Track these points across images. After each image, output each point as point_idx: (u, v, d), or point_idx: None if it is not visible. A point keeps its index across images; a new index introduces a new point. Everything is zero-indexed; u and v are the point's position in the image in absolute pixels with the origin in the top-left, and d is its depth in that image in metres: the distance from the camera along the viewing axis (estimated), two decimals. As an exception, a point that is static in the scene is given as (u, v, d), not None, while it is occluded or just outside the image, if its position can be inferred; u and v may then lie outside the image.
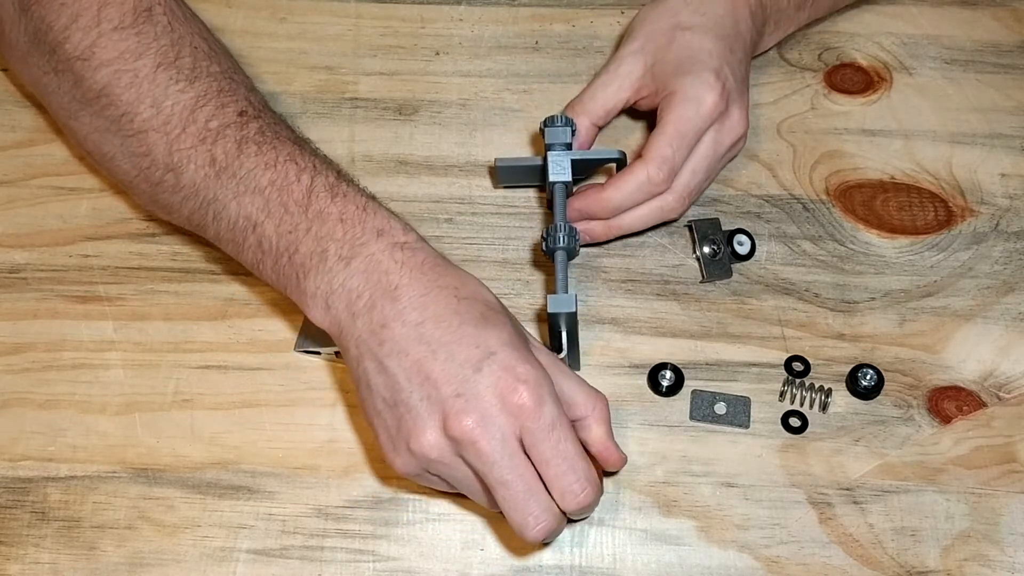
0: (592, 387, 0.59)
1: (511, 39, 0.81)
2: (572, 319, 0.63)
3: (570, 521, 0.61)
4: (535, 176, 0.73)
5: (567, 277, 0.65)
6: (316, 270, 0.58)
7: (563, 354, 0.64)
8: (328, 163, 0.62)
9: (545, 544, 0.64)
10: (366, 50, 0.81)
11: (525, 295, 0.71)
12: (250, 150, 0.60)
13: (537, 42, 0.81)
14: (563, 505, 0.55)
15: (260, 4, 0.82)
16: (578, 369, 0.68)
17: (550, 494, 0.56)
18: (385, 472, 0.65)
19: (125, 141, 0.62)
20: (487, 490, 0.57)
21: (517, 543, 0.64)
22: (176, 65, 0.62)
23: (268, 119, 0.63)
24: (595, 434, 0.59)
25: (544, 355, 0.59)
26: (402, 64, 0.80)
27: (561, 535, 0.64)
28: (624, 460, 0.60)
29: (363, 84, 0.79)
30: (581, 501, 0.55)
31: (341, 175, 0.61)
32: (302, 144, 0.62)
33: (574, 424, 0.58)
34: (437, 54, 0.81)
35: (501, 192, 0.75)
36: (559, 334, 0.64)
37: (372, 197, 0.60)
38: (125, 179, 0.64)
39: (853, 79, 0.79)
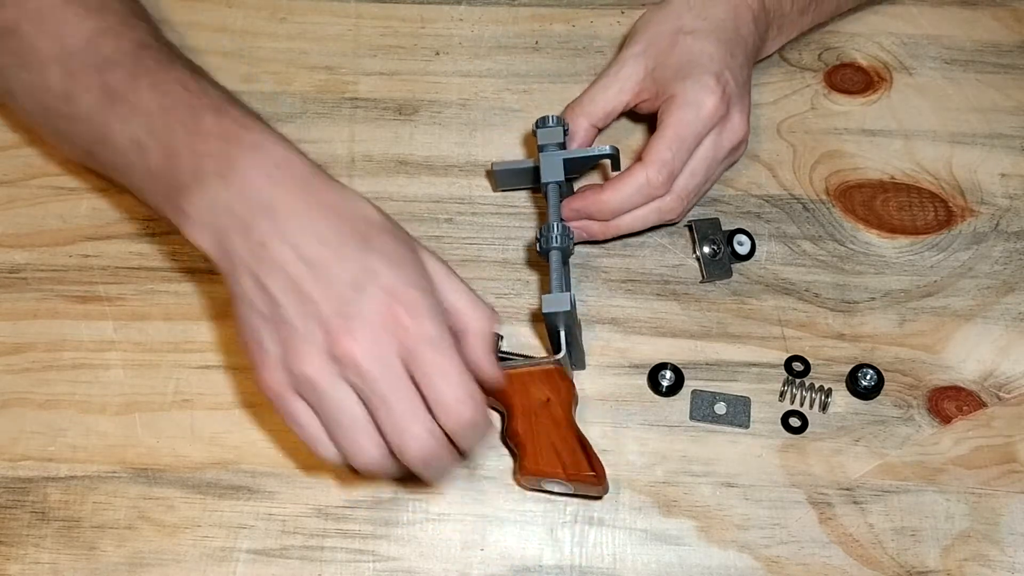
0: (483, 301, 0.59)
1: (511, 39, 0.81)
2: (570, 318, 0.63)
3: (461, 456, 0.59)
4: (532, 178, 0.73)
5: (562, 277, 0.65)
6: (197, 190, 0.57)
7: (562, 354, 0.64)
8: (218, 87, 0.62)
9: (433, 483, 0.61)
10: (366, 50, 0.80)
11: (525, 295, 0.71)
12: (143, 80, 0.61)
13: (537, 42, 0.81)
14: (443, 421, 0.55)
15: (260, 4, 0.82)
16: (582, 369, 0.68)
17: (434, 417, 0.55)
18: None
19: (27, 75, 0.64)
20: (343, 429, 0.55)
21: (517, 543, 0.64)
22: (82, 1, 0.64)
23: (165, 49, 0.64)
24: (470, 347, 0.58)
25: (433, 263, 0.58)
26: (402, 64, 0.80)
27: (561, 535, 0.64)
28: (500, 381, 0.59)
29: (363, 84, 0.79)
30: (461, 415, 0.54)
31: (230, 98, 0.61)
32: (195, 71, 0.63)
33: (457, 338, 0.57)
34: (437, 54, 0.81)
35: (501, 192, 0.75)
36: (556, 334, 0.64)
37: (257, 116, 0.60)
38: (25, 113, 0.66)
39: (853, 79, 0.79)
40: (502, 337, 0.67)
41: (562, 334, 0.64)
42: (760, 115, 0.76)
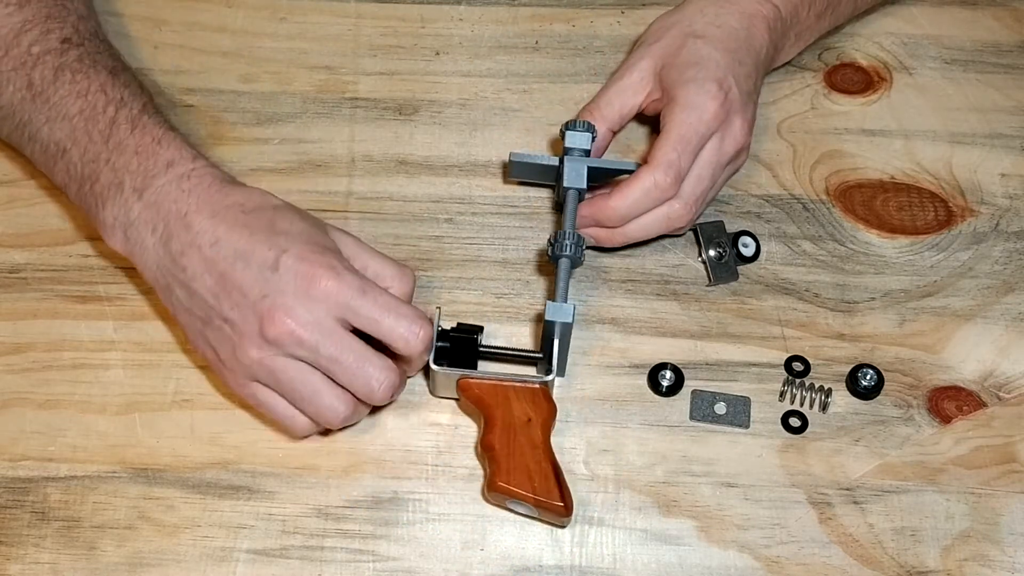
0: (400, 263, 0.63)
1: (511, 39, 0.81)
2: (566, 330, 0.63)
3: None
4: (548, 176, 0.72)
5: (567, 286, 0.64)
6: (113, 201, 0.62)
7: (551, 376, 0.64)
8: (136, 94, 0.66)
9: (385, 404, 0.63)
10: (366, 50, 0.80)
11: (525, 295, 0.71)
12: (65, 77, 0.65)
13: (537, 42, 0.81)
14: (404, 351, 0.59)
15: (260, 4, 0.82)
16: (561, 375, 0.67)
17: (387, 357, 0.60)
18: (385, 472, 0.65)
19: None
20: (306, 400, 0.60)
21: (517, 543, 0.64)
22: None
23: (91, 47, 0.67)
24: None
25: (341, 236, 0.63)
26: (402, 64, 0.80)
27: (561, 535, 0.64)
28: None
29: (363, 84, 0.79)
30: (417, 339, 0.59)
31: (145, 107, 0.65)
32: (116, 74, 0.66)
33: None
34: (437, 54, 0.81)
35: (501, 192, 0.75)
36: (551, 342, 0.64)
37: (170, 128, 0.65)
38: None
39: (853, 79, 0.79)
40: (481, 329, 0.67)
41: (556, 344, 0.64)
42: (760, 115, 0.76)
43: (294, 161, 0.75)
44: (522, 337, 0.70)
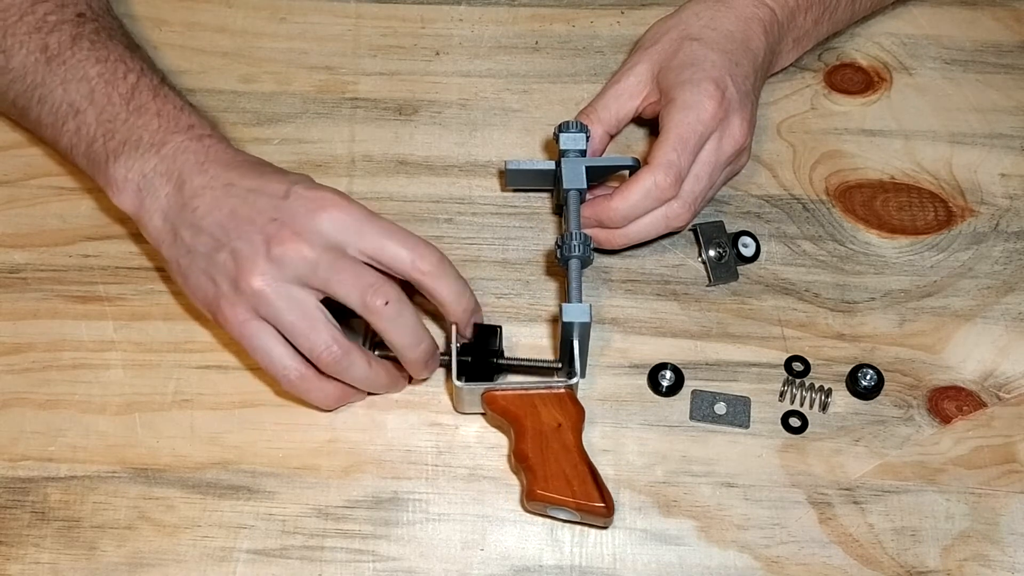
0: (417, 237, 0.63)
1: (511, 39, 0.81)
2: (585, 330, 0.63)
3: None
4: (546, 180, 0.72)
5: (580, 286, 0.64)
6: (128, 155, 0.63)
7: (575, 380, 0.63)
8: (155, 69, 0.68)
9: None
10: (366, 50, 0.81)
11: (525, 295, 0.71)
12: (83, 44, 0.66)
13: (537, 42, 0.81)
14: (411, 272, 0.60)
15: (260, 4, 0.82)
16: (583, 377, 0.67)
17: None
18: (385, 472, 0.65)
19: None
20: (300, 329, 0.60)
21: (517, 543, 0.64)
22: None
23: (105, 23, 0.69)
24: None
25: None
26: (402, 64, 0.80)
27: (561, 535, 0.64)
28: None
29: (363, 84, 0.79)
30: (428, 260, 0.60)
31: (164, 80, 0.67)
32: (133, 49, 0.68)
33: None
34: (437, 54, 0.81)
35: (501, 192, 0.75)
36: (570, 344, 0.64)
37: (189, 103, 0.67)
38: None
39: (853, 79, 0.79)
40: (500, 328, 0.67)
41: (576, 345, 0.64)
42: (760, 115, 0.76)
43: (294, 161, 0.75)
44: (523, 337, 0.70)
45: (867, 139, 0.77)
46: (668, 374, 0.68)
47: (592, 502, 0.61)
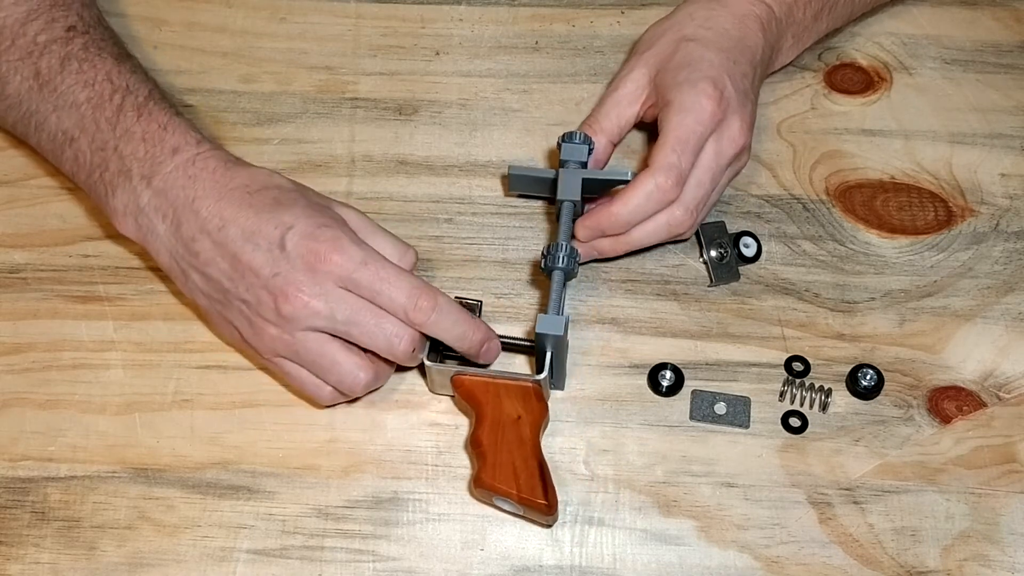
0: (402, 241, 0.65)
1: (511, 39, 0.81)
2: (560, 342, 0.63)
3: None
4: (547, 188, 0.72)
5: (560, 299, 0.64)
6: (122, 188, 0.64)
7: (543, 376, 0.63)
8: (142, 80, 0.67)
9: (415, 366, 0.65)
10: (366, 50, 0.81)
11: (525, 295, 0.71)
12: (72, 67, 0.66)
13: (537, 42, 0.81)
14: (413, 316, 0.60)
15: (260, 4, 0.82)
16: (561, 389, 0.67)
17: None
18: (385, 472, 0.65)
19: None
20: (327, 370, 0.62)
21: (517, 543, 0.64)
22: None
23: (96, 35, 0.68)
24: None
25: (346, 211, 0.64)
26: (402, 64, 0.80)
27: (561, 535, 0.64)
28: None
29: (363, 84, 0.79)
30: (421, 311, 0.60)
31: (151, 93, 0.67)
32: (122, 61, 0.68)
33: None
34: (437, 54, 0.81)
35: (501, 192, 0.75)
36: (543, 355, 0.64)
37: (176, 113, 0.66)
38: None
39: (853, 79, 0.79)
40: (480, 303, 0.67)
41: (548, 355, 0.64)
42: (760, 115, 0.76)
43: (294, 161, 0.75)
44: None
45: (867, 139, 0.77)
46: (668, 374, 0.68)
47: (535, 498, 0.61)
